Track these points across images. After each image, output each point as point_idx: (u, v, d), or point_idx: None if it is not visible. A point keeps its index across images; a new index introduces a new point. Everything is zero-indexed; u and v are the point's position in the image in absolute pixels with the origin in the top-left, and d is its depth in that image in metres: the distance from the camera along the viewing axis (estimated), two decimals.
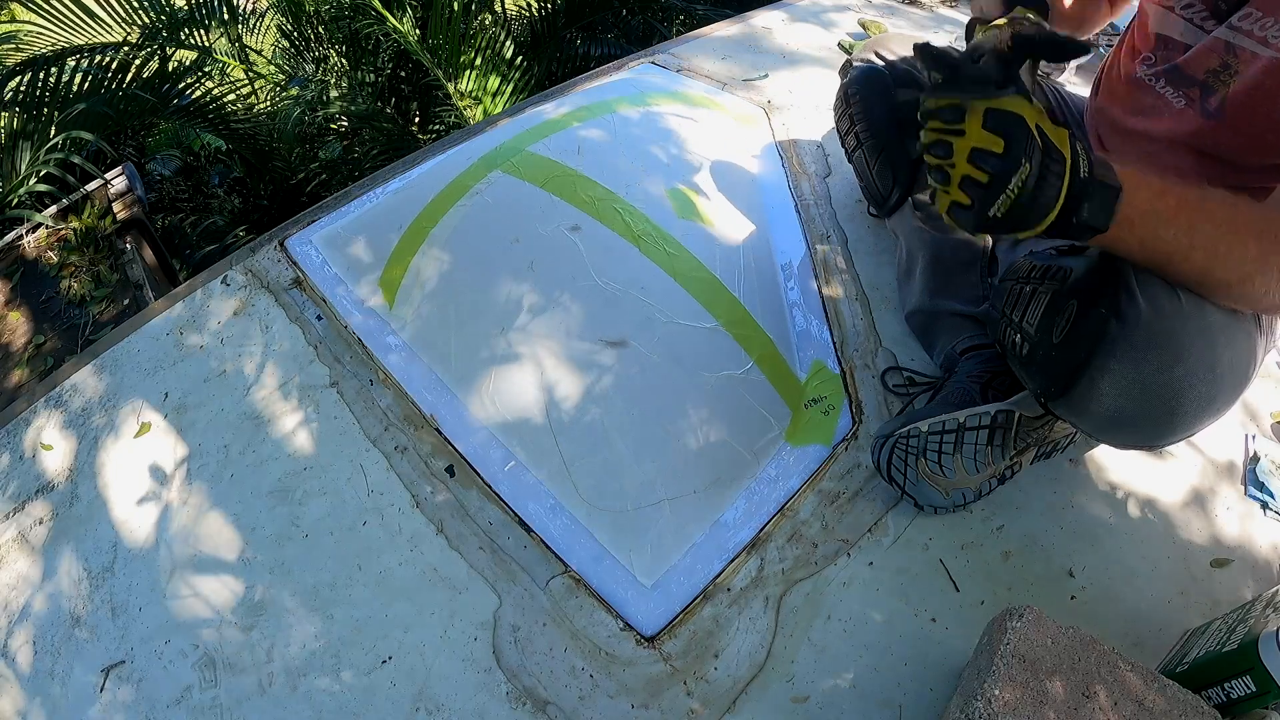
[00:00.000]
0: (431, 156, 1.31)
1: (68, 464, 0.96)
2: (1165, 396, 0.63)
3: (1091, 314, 0.64)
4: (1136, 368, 0.62)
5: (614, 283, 1.04)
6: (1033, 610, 0.66)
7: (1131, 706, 0.60)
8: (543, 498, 0.88)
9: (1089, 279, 0.66)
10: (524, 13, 3.04)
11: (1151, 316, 0.62)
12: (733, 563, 0.83)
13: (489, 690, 0.75)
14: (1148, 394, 0.63)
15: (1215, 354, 0.63)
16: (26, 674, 0.80)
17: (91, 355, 1.07)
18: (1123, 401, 0.64)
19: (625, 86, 1.48)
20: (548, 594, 0.81)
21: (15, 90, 1.86)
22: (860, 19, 1.85)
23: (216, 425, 0.97)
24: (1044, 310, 0.69)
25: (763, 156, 1.34)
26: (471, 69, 2.39)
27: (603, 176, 1.18)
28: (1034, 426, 0.84)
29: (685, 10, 2.99)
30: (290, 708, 0.75)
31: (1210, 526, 0.89)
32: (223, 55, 2.59)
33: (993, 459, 0.82)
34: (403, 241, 1.12)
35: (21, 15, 2.35)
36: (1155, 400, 0.63)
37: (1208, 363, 0.62)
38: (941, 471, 0.82)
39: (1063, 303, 0.67)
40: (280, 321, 1.07)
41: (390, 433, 0.94)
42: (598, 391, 0.95)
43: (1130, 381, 0.63)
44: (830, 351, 1.03)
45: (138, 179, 2.06)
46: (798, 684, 0.76)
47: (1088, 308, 0.65)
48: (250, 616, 0.81)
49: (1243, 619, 0.69)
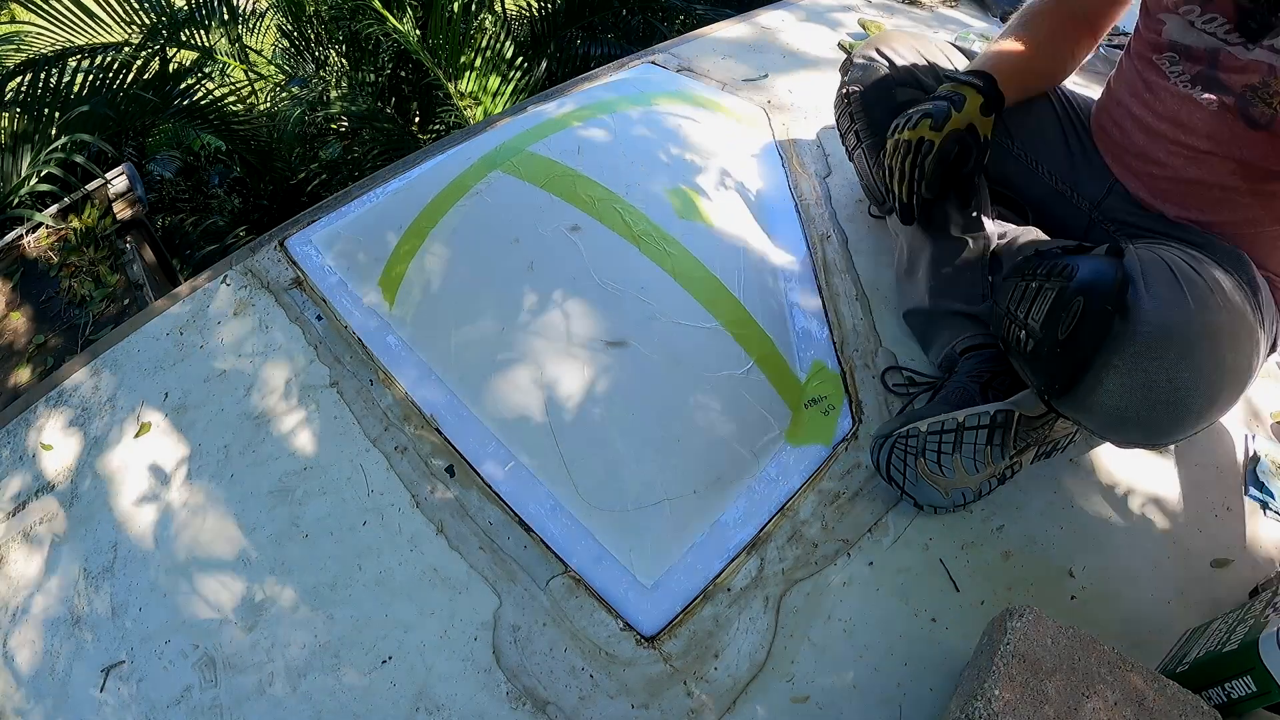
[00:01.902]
0: (431, 156, 1.31)
1: (68, 464, 0.96)
2: (1170, 395, 0.63)
3: (1098, 311, 0.64)
4: (1141, 366, 0.62)
5: (614, 283, 1.04)
6: (1033, 610, 0.66)
7: (1131, 706, 0.60)
8: (543, 498, 0.88)
9: (1096, 276, 0.66)
10: (524, 13, 3.04)
11: (1158, 315, 0.62)
12: (733, 563, 0.83)
13: (489, 690, 0.75)
14: (1152, 392, 0.63)
15: (1220, 353, 0.63)
16: (26, 674, 0.80)
17: (92, 355, 1.07)
18: (1127, 399, 0.64)
19: (625, 86, 1.48)
20: (548, 594, 0.81)
21: (16, 91, 1.87)
22: (860, 19, 1.85)
23: (217, 425, 0.97)
24: (1049, 306, 0.69)
25: (763, 156, 1.34)
26: (471, 69, 2.39)
27: (603, 176, 1.18)
28: (1034, 426, 0.84)
29: (685, 10, 2.99)
30: (290, 708, 0.75)
31: (1210, 526, 0.89)
32: (223, 56, 2.59)
33: (992, 459, 0.82)
34: (403, 241, 1.12)
35: (22, 16, 2.35)
36: (1159, 398, 0.63)
37: (1213, 361, 0.62)
38: (941, 471, 0.82)
39: (1069, 299, 0.67)
40: (280, 321, 1.07)
41: (390, 433, 0.94)
42: (598, 391, 0.95)
43: (1135, 379, 0.63)
44: (830, 351, 1.03)
45: (138, 179, 2.06)
46: (798, 684, 0.76)
47: (1094, 304, 0.65)
48: (250, 616, 0.81)
49: (1243, 619, 0.69)
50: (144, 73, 2.01)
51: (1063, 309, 0.67)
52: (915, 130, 0.85)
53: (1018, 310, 0.74)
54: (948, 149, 0.84)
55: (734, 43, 1.71)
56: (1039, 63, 0.90)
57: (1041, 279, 0.72)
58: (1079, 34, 0.91)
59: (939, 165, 0.85)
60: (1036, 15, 0.91)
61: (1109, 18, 0.91)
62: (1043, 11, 0.91)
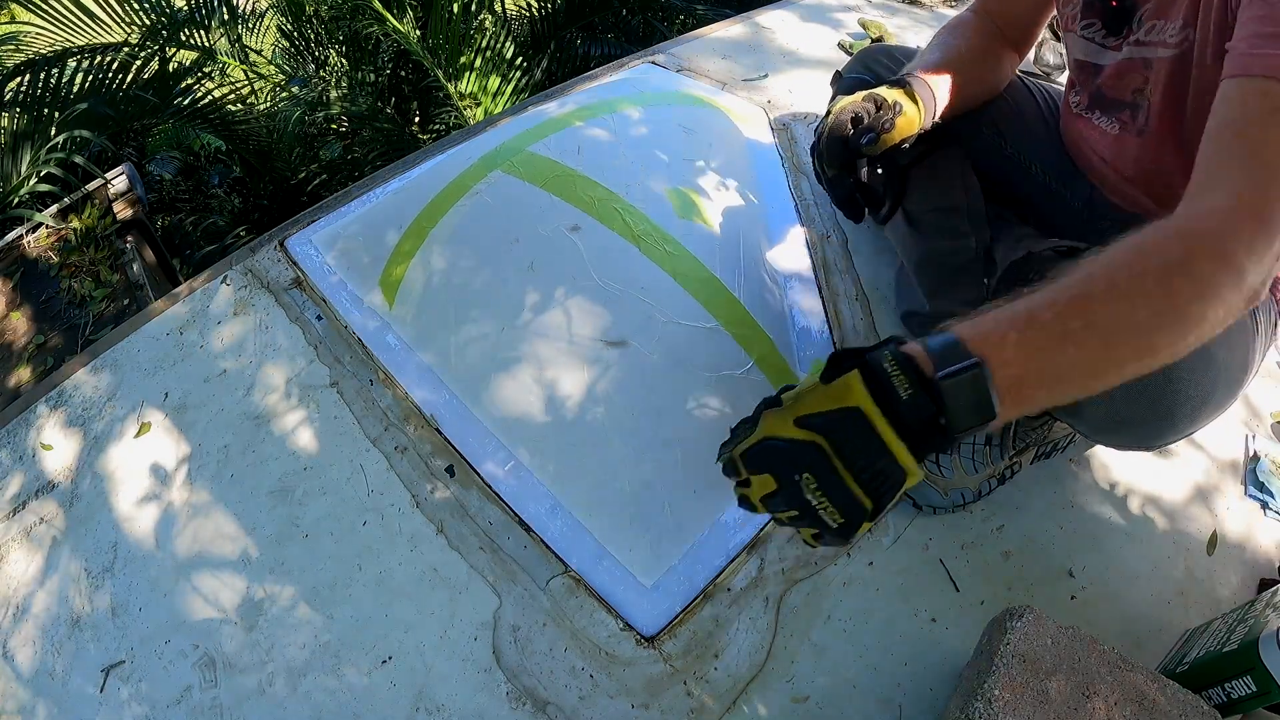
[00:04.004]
0: (431, 156, 1.31)
1: (68, 464, 0.96)
2: (1161, 397, 0.63)
3: None
4: None
5: (614, 283, 1.04)
6: (1033, 610, 0.66)
7: (1131, 706, 0.60)
8: (543, 498, 0.88)
9: None
10: (524, 13, 3.04)
11: None
12: (733, 563, 0.83)
13: (489, 690, 0.75)
14: (1144, 395, 0.63)
15: (1210, 354, 0.63)
16: (27, 674, 0.80)
17: (92, 355, 1.07)
18: (1118, 403, 0.64)
19: (625, 86, 1.48)
20: (548, 594, 0.81)
21: (16, 91, 1.87)
22: (860, 19, 1.85)
23: (217, 425, 0.97)
24: None
25: (763, 156, 1.34)
26: (471, 69, 2.39)
27: (603, 176, 1.18)
28: (1032, 427, 0.84)
29: (685, 10, 2.99)
30: (290, 708, 0.75)
31: (1210, 527, 0.89)
32: (223, 56, 2.59)
33: (991, 459, 0.82)
34: (403, 241, 1.12)
35: (22, 16, 2.35)
36: (1151, 401, 0.63)
37: (1203, 362, 0.63)
38: (940, 471, 0.82)
39: None
40: (280, 321, 1.07)
41: (390, 433, 0.94)
42: (598, 391, 0.95)
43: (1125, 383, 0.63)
44: (830, 351, 1.03)
45: (138, 179, 2.06)
46: (798, 684, 0.76)
47: None
48: (250, 616, 0.81)
49: (1243, 619, 0.69)
50: (144, 72, 2.01)
51: None
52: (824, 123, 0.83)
53: None
54: (843, 117, 0.80)
55: (734, 43, 1.71)
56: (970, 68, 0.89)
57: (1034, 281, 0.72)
58: (1002, 49, 0.91)
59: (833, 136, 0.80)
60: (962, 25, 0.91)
61: (1029, 33, 0.91)
62: (960, 27, 0.91)
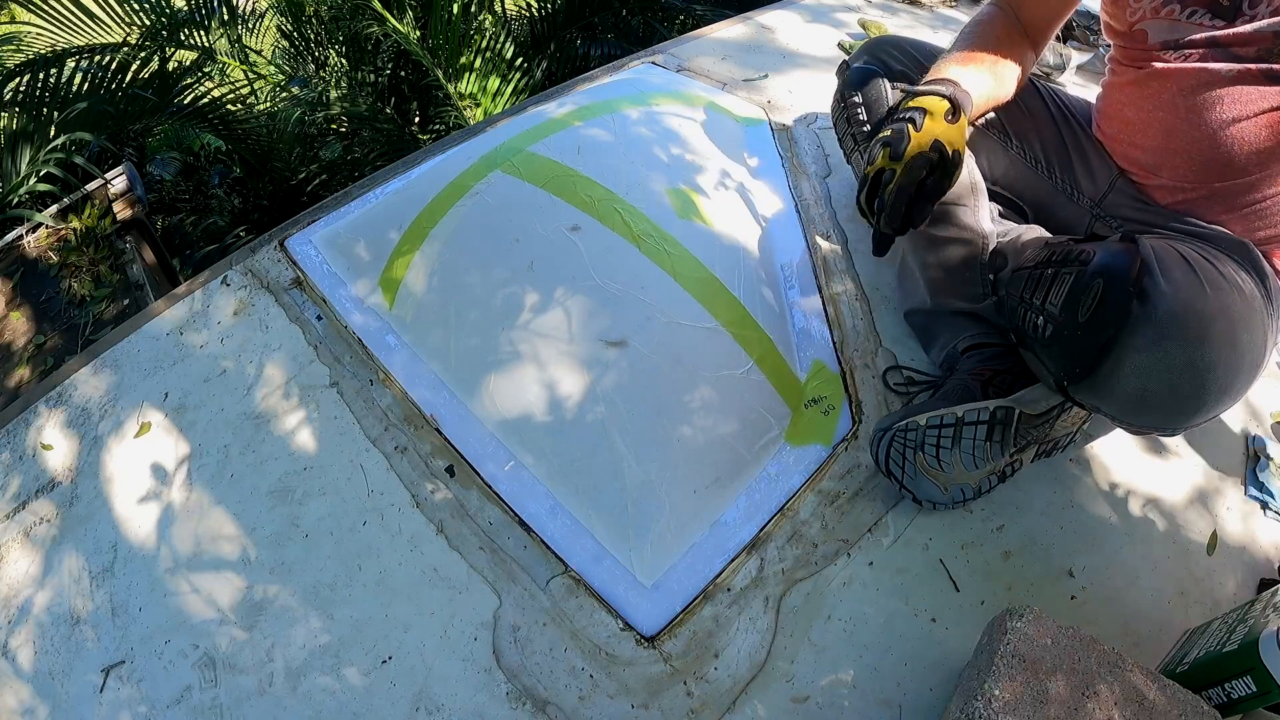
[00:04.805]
0: (431, 156, 1.32)
1: (68, 464, 0.96)
2: (1190, 375, 0.64)
3: (1117, 292, 0.65)
4: (1161, 347, 0.63)
5: (614, 283, 1.04)
6: (1033, 610, 0.66)
7: (1131, 706, 0.60)
8: (542, 498, 0.88)
9: (1113, 259, 0.67)
10: (524, 13, 3.04)
11: (1174, 296, 0.63)
12: (733, 563, 0.83)
13: (489, 690, 0.75)
14: (1171, 373, 0.64)
15: (1235, 333, 0.64)
16: (27, 674, 0.80)
17: (92, 355, 1.07)
18: (1146, 381, 0.65)
19: (625, 86, 1.48)
20: (548, 594, 0.81)
21: (15, 90, 1.87)
22: (861, 19, 1.86)
23: (216, 425, 0.97)
24: (1069, 290, 0.70)
25: (763, 156, 1.34)
26: (471, 70, 2.39)
27: (603, 176, 1.18)
28: (1034, 424, 0.84)
29: (685, 10, 2.99)
30: (290, 708, 0.75)
31: (1210, 527, 0.89)
32: (223, 56, 2.59)
33: (991, 455, 0.82)
34: (403, 241, 1.12)
35: (22, 16, 2.35)
36: (1180, 379, 0.64)
37: (1229, 341, 0.63)
38: (940, 466, 0.82)
39: (1088, 281, 0.68)
40: (280, 321, 1.07)
41: (390, 433, 0.94)
42: (598, 391, 0.95)
43: (1154, 361, 0.64)
44: (830, 351, 1.03)
45: (138, 179, 2.06)
46: (798, 684, 0.76)
47: (1113, 285, 0.65)
48: (250, 616, 0.81)
49: (1243, 619, 0.69)
50: (143, 72, 2.01)
51: (1082, 291, 0.68)
52: (874, 164, 0.79)
53: (1034, 297, 0.74)
54: (912, 176, 0.76)
55: (734, 43, 1.71)
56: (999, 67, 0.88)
57: (1058, 265, 0.73)
58: (1025, 49, 0.90)
59: (900, 196, 0.77)
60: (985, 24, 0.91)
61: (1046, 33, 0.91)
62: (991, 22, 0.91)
